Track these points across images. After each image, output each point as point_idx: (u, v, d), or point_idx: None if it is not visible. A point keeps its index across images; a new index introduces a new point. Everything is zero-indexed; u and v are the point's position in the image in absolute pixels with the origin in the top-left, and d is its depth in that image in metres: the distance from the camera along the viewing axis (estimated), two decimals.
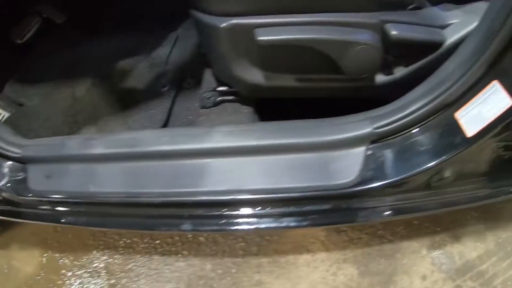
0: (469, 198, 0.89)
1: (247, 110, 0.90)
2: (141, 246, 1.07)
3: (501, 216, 1.07)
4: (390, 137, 0.76)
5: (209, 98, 0.90)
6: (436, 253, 1.03)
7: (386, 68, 0.83)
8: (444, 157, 0.74)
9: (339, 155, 0.75)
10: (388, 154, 0.76)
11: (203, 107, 0.91)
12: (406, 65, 0.83)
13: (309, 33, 0.73)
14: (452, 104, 0.72)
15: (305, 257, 1.01)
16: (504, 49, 0.63)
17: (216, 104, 0.91)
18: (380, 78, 0.84)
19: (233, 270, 1.00)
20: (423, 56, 0.81)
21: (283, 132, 0.76)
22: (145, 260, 1.05)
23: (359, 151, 0.76)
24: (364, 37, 0.74)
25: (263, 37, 0.72)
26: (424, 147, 0.76)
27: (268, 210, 0.75)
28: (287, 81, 0.82)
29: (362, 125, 0.75)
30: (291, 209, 0.74)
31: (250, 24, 0.74)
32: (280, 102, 0.90)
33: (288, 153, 0.75)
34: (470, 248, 1.03)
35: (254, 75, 0.81)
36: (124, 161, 0.78)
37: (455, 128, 0.73)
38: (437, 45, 0.79)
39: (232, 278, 0.99)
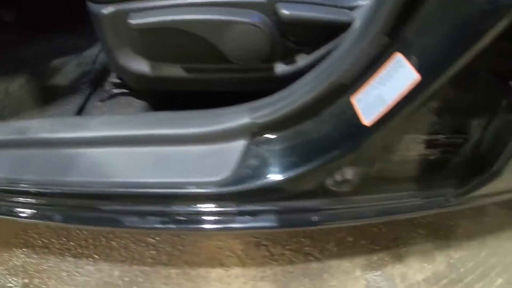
0: (393, 209, 0.75)
1: (139, 103, 0.84)
2: (56, 246, 1.02)
3: (453, 235, 0.90)
4: (275, 130, 0.66)
5: (106, 91, 0.85)
6: (372, 274, 0.88)
7: (287, 56, 0.74)
8: (335, 152, 0.62)
9: (214, 149, 0.66)
10: (271, 150, 0.65)
11: (101, 100, 0.87)
12: (309, 52, 0.73)
13: (180, 14, 0.66)
14: (347, 86, 0.61)
15: (218, 271, 0.90)
16: (401, 14, 0.52)
17: (112, 97, 0.86)
18: (280, 68, 0.74)
19: (140, 279, 0.92)
20: (328, 40, 0.71)
21: (157, 123, 0.69)
22: (58, 261, 0.99)
23: (237, 146, 0.66)
24: (245, 17, 0.65)
25: (134, 20, 0.66)
26: (313, 140, 0.64)
27: (131, 206, 0.67)
28: (174, 71, 0.74)
29: (240, 115, 0.66)
30: (156, 207, 0.66)
31: (129, 9, 0.69)
32: (178, 96, 0.83)
33: (158, 145, 0.67)
34: (415, 270, 0.87)
35: (139, 65, 0.74)
36: (12, 147, 0.75)
37: (351, 115, 0.60)
38: (343, 26, 0.68)
39: None
